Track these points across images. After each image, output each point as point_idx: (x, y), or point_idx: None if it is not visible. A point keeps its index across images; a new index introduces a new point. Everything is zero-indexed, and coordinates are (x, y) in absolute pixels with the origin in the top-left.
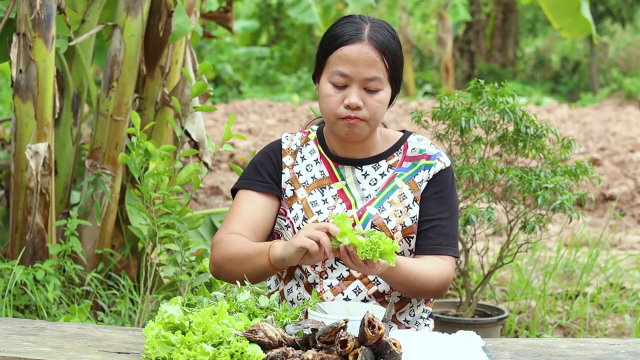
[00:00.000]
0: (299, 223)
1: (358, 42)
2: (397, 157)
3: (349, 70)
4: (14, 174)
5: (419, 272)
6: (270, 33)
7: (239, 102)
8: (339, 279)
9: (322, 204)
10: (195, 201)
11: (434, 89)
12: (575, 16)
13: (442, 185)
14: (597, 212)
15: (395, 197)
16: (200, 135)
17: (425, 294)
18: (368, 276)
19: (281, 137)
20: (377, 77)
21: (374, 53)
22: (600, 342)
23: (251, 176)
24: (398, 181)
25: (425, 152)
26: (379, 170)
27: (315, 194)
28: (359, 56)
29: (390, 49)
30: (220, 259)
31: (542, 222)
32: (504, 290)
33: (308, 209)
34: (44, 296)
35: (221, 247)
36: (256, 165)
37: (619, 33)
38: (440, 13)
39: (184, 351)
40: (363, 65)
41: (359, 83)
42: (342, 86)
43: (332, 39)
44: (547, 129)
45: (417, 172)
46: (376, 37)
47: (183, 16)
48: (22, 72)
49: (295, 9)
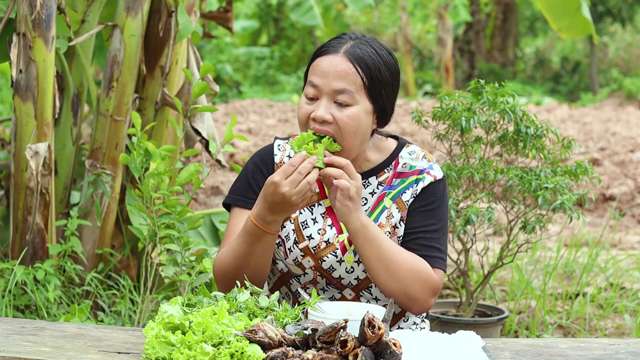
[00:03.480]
0: (290, 244)
1: (332, 54)
2: (387, 174)
3: (318, 81)
4: (14, 174)
5: (398, 250)
6: (270, 33)
7: (239, 102)
8: (331, 300)
9: (313, 225)
10: (196, 201)
11: (434, 89)
12: (575, 16)
13: (430, 198)
14: (597, 212)
15: (383, 218)
16: (210, 133)
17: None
18: (360, 299)
19: (273, 144)
20: (346, 90)
21: (346, 65)
22: (600, 342)
23: (244, 192)
24: (386, 201)
25: (416, 168)
26: (368, 188)
27: (305, 213)
28: (328, 67)
29: (369, 64)
30: (222, 272)
31: (542, 222)
32: (504, 290)
33: (299, 232)
34: (44, 296)
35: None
36: (249, 180)
37: (619, 33)
38: (440, 13)
39: (184, 351)
40: (332, 76)
41: (328, 95)
42: (313, 98)
43: (315, 51)
44: (547, 129)
45: (405, 189)
46: (353, 51)
47: (184, 16)
48: (22, 72)
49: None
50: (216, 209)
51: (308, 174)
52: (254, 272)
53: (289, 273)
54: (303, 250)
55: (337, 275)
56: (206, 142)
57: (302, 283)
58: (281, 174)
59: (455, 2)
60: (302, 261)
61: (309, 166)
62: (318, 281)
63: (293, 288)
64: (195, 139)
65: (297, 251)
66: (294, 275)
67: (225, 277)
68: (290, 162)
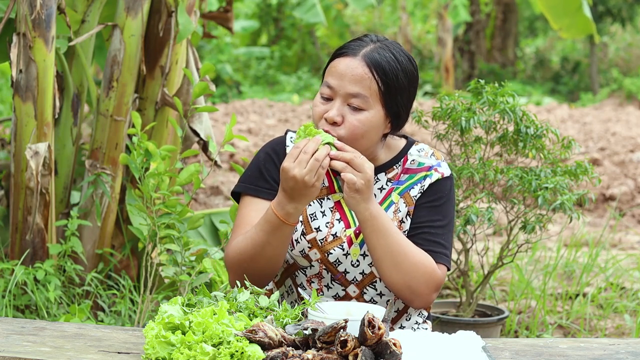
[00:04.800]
0: (297, 235)
1: (351, 56)
2: (396, 170)
3: (334, 82)
4: (14, 174)
5: (406, 243)
6: (270, 33)
7: (239, 102)
8: (335, 297)
9: (321, 217)
10: (196, 201)
11: (434, 89)
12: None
13: (437, 194)
14: (597, 212)
15: (390, 213)
16: (208, 134)
17: (411, 277)
18: (364, 296)
19: (284, 135)
20: (361, 94)
21: (363, 69)
22: (600, 342)
23: (255, 181)
24: (394, 195)
25: (424, 165)
26: (378, 184)
27: (314, 206)
28: (345, 70)
29: (387, 71)
30: (237, 261)
31: (542, 222)
32: (504, 290)
33: (307, 223)
34: (44, 296)
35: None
36: (261, 168)
37: (619, 33)
38: (440, 13)
39: (184, 351)
40: (348, 79)
41: (342, 98)
42: (328, 98)
43: (335, 51)
44: (547, 129)
45: (413, 185)
46: (372, 55)
47: (184, 16)
48: (22, 72)
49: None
50: (216, 209)
51: (315, 152)
52: (268, 263)
53: (295, 265)
54: (310, 242)
55: (343, 269)
56: (204, 143)
57: (308, 276)
58: (289, 159)
59: (455, 2)
60: (308, 253)
61: (315, 145)
62: (323, 276)
63: (298, 281)
64: (193, 139)
65: (305, 242)
66: (300, 267)
67: (239, 265)
68: (296, 146)
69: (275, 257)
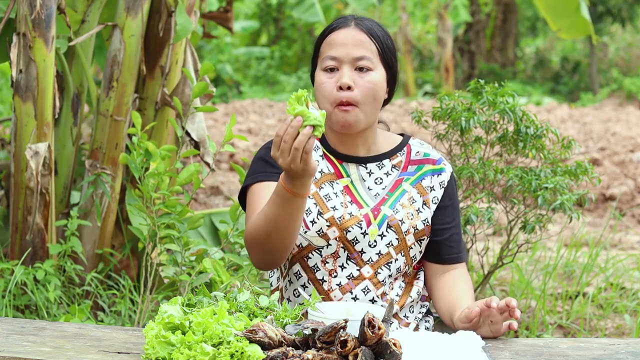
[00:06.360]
0: (312, 217)
1: (345, 27)
2: (400, 158)
3: (338, 52)
4: (14, 174)
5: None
6: (270, 33)
7: (239, 102)
8: (349, 278)
9: (335, 198)
10: (195, 201)
11: (434, 89)
12: (574, 17)
13: (454, 192)
14: (597, 212)
15: (405, 200)
16: (201, 135)
17: None
18: (377, 277)
19: None
20: (366, 56)
21: (361, 35)
22: (600, 342)
23: (263, 169)
24: (405, 185)
25: (430, 156)
26: (383, 169)
27: (326, 187)
28: (346, 38)
29: (379, 35)
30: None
31: (542, 222)
32: (504, 290)
33: (322, 203)
34: (44, 296)
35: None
36: (264, 158)
37: (619, 33)
38: (440, 13)
39: (184, 351)
40: (351, 45)
41: (349, 64)
42: (334, 69)
43: (322, 33)
44: (547, 129)
45: (423, 176)
46: (363, 23)
47: (184, 16)
48: (22, 72)
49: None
50: (216, 209)
51: (295, 139)
52: (283, 238)
53: (309, 247)
54: (329, 221)
55: (360, 248)
56: (195, 143)
57: (324, 256)
58: (274, 148)
59: (455, 2)
60: (327, 232)
61: (293, 131)
62: (339, 255)
63: (311, 263)
64: (185, 140)
65: (323, 221)
66: (316, 248)
67: (257, 242)
68: (277, 134)
69: (289, 230)
